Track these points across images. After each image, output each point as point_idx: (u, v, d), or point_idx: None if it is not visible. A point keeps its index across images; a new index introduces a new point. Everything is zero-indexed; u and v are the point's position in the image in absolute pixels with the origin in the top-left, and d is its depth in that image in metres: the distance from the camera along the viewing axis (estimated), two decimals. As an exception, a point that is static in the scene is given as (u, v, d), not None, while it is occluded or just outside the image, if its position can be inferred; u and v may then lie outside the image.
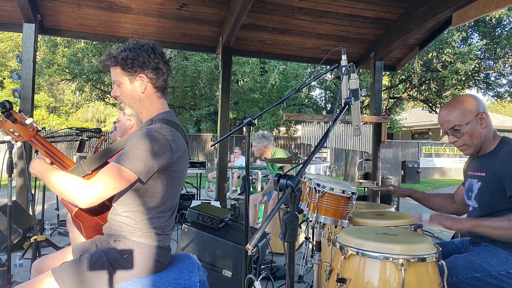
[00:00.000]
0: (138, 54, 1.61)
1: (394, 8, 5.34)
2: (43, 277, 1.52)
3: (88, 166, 1.60)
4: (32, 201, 3.30)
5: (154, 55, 1.63)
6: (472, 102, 1.88)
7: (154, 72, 1.64)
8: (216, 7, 5.06)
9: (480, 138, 1.88)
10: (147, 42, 1.66)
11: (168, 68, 1.69)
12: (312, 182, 1.97)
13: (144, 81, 1.64)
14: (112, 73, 1.67)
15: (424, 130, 24.27)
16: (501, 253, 1.76)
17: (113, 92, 1.71)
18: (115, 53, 1.62)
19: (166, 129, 1.55)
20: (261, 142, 4.70)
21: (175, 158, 1.56)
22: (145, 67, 1.62)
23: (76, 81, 14.79)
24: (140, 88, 1.64)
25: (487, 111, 1.91)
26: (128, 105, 1.69)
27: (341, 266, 1.60)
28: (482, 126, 1.87)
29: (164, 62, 1.67)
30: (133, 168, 1.46)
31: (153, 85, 1.66)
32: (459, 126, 1.87)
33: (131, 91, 1.65)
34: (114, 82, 1.68)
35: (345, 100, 1.60)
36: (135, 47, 1.62)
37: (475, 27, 11.53)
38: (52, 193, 1.79)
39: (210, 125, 19.43)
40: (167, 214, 1.64)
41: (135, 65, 1.60)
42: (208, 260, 2.71)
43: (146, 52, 1.62)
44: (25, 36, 4.80)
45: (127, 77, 1.63)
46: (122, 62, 1.60)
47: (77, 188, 1.45)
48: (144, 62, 1.61)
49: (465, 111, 1.86)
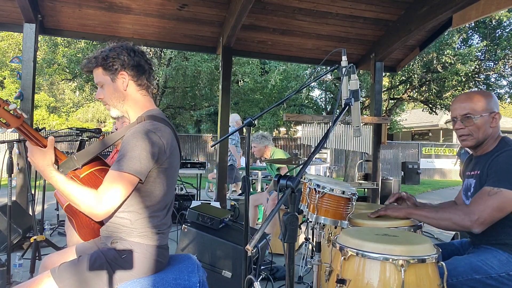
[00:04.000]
0: (118, 53, 1.64)
1: (394, 9, 5.34)
2: (42, 277, 1.52)
3: (78, 161, 1.61)
4: (32, 201, 3.30)
5: (134, 53, 1.67)
6: (492, 100, 1.92)
7: (135, 70, 1.67)
8: (216, 7, 5.06)
9: (485, 134, 1.90)
10: (127, 43, 1.71)
11: (150, 67, 1.72)
12: (312, 183, 1.97)
13: (125, 79, 1.66)
14: (94, 76, 1.70)
15: (424, 131, 24.28)
16: (502, 255, 1.76)
17: (97, 95, 1.72)
18: (96, 54, 1.66)
19: (157, 126, 1.57)
20: (262, 143, 4.71)
21: (167, 154, 1.58)
22: (125, 65, 1.65)
23: (76, 81, 14.80)
24: (122, 85, 1.66)
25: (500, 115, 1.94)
26: (113, 106, 1.70)
27: (341, 267, 1.60)
28: (492, 125, 1.89)
29: (145, 60, 1.70)
30: (133, 171, 1.48)
31: (136, 83, 1.69)
32: (472, 115, 1.88)
33: (113, 90, 1.67)
34: (97, 85, 1.71)
35: (345, 101, 1.60)
36: (115, 47, 1.67)
37: (475, 28, 11.54)
38: (52, 194, 1.79)
39: (210, 125, 19.44)
40: (162, 212, 1.64)
41: (115, 63, 1.63)
42: (208, 260, 2.71)
43: (126, 50, 1.66)
44: (26, 36, 4.80)
45: (108, 76, 1.66)
46: (103, 61, 1.64)
47: (88, 204, 1.47)
48: (124, 60, 1.64)
49: (484, 104, 1.89)
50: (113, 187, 1.47)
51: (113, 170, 1.50)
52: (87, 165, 1.64)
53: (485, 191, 1.75)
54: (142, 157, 1.49)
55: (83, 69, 1.72)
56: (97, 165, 1.68)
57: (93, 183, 1.59)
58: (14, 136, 13.69)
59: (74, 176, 1.60)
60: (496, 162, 1.80)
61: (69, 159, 1.61)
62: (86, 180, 1.61)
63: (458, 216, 1.76)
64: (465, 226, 1.74)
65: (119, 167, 1.48)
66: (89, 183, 1.59)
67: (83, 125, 22.33)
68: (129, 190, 1.50)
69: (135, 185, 1.52)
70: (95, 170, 1.66)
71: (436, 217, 1.82)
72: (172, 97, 15.17)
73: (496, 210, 1.70)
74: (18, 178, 4.71)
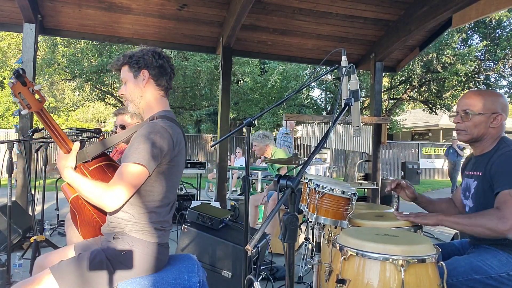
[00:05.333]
0: (144, 54, 1.77)
1: (394, 9, 5.34)
2: (42, 275, 1.52)
3: (89, 154, 1.69)
4: (32, 201, 3.30)
5: (158, 56, 1.79)
6: (497, 101, 1.91)
7: (157, 70, 1.77)
8: (216, 7, 5.07)
9: (481, 133, 1.90)
10: (156, 48, 1.85)
11: (172, 70, 1.84)
12: (312, 183, 1.97)
13: (146, 76, 1.76)
14: (121, 73, 1.81)
15: (424, 131, 24.28)
16: (501, 255, 1.76)
17: (119, 91, 1.85)
18: (125, 54, 1.81)
19: (168, 124, 1.64)
20: (263, 142, 4.70)
21: (175, 153, 1.64)
22: (148, 65, 1.76)
23: (75, 81, 14.79)
24: (142, 82, 1.76)
25: (506, 116, 1.91)
26: (131, 101, 1.80)
27: (341, 267, 1.60)
28: (491, 126, 1.89)
29: (168, 65, 1.82)
30: (144, 163, 1.53)
31: (155, 83, 1.79)
32: (471, 111, 1.90)
33: (134, 85, 1.77)
34: (122, 81, 1.82)
35: (345, 101, 1.60)
36: (143, 49, 1.81)
37: (475, 28, 11.54)
38: (52, 193, 1.80)
39: (210, 125, 19.44)
40: (165, 209, 1.68)
41: (140, 62, 1.75)
42: (208, 260, 2.71)
43: (152, 53, 1.79)
44: (26, 36, 4.80)
45: (132, 73, 1.77)
46: (129, 59, 1.77)
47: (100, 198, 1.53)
48: (148, 60, 1.76)
49: (486, 103, 1.89)
50: (124, 178, 1.53)
51: (124, 162, 1.56)
52: (96, 159, 1.72)
53: (506, 194, 1.71)
54: (152, 151, 1.55)
55: (113, 67, 1.84)
56: (105, 160, 1.76)
57: (101, 176, 1.67)
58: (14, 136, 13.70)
59: (83, 167, 1.68)
60: (503, 163, 1.78)
61: (80, 152, 1.68)
62: (95, 173, 1.69)
63: (492, 222, 1.69)
64: (499, 231, 1.68)
65: (130, 160, 1.54)
66: (97, 176, 1.67)
67: (83, 125, 22.34)
68: (140, 182, 1.56)
69: (145, 178, 1.57)
70: (103, 164, 1.74)
71: (468, 224, 1.77)
72: (172, 97, 15.14)
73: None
74: (18, 178, 4.71)
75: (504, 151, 1.82)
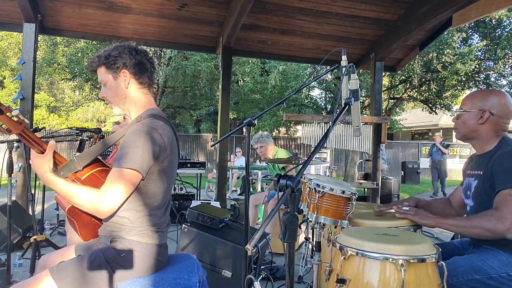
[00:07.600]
0: (120, 52, 1.68)
1: (394, 9, 5.34)
2: (40, 276, 1.52)
3: (79, 163, 1.62)
4: (32, 201, 3.30)
5: (135, 52, 1.71)
6: (488, 99, 1.92)
7: (137, 68, 1.70)
8: (216, 7, 5.06)
9: (471, 130, 1.94)
10: (130, 42, 1.75)
11: (152, 65, 1.76)
12: (312, 183, 1.97)
13: (127, 77, 1.69)
14: (98, 74, 1.73)
15: (424, 131, 24.28)
16: (502, 255, 1.76)
17: (100, 94, 1.77)
18: (99, 54, 1.71)
19: (157, 124, 1.60)
20: (267, 141, 4.69)
21: (168, 152, 1.60)
22: (127, 64, 1.68)
23: (76, 81, 14.79)
24: (124, 84, 1.69)
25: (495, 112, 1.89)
26: (115, 104, 1.74)
27: (341, 266, 1.60)
28: (479, 122, 1.91)
29: (147, 59, 1.74)
30: (136, 167, 1.49)
31: (137, 81, 1.72)
32: (460, 110, 1.98)
33: (115, 88, 1.70)
34: (100, 83, 1.74)
35: (345, 101, 1.60)
36: (117, 46, 1.71)
37: (475, 28, 11.53)
38: (52, 193, 1.79)
39: (210, 125, 19.45)
40: (161, 210, 1.65)
41: (117, 61, 1.67)
42: (208, 260, 2.71)
43: (128, 49, 1.70)
44: (25, 36, 4.80)
45: (110, 74, 1.69)
46: (105, 60, 1.68)
47: (92, 202, 1.48)
48: (126, 58, 1.68)
49: (475, 101, 1.94)
50: (116, 184, 1.48)
51: (115, 167, 1.51)
52: (88, 167, 1.64)
53: (506, 194, 1.70)
54: (144, 154, 1.50)
55: (88, 69, 1.76)
56: (97, 166, 1.68)
57: (94, 184, 1.59)
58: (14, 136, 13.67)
59: (75, 178, 1.61)
60: (503, 162, 1.77)
61: (70, 162, 1.61)
62: (88, 182, 1.61)
63: (490, 223, 1.69)
64: (498, 231, 1.67)
65: (121, 164, 1.49)
66: (90, 185, 1.58)
67: (83, 124, 22.34)
68: (132, 187, 1.51)
69: (138, 182, 1.53)
70: (95, 172, 1.66)
71: (466, 225, 1.78)
72: (172, 96, 15.17)
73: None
74: (18, 178, 4.71)
75: (505, 150, 1.82)
